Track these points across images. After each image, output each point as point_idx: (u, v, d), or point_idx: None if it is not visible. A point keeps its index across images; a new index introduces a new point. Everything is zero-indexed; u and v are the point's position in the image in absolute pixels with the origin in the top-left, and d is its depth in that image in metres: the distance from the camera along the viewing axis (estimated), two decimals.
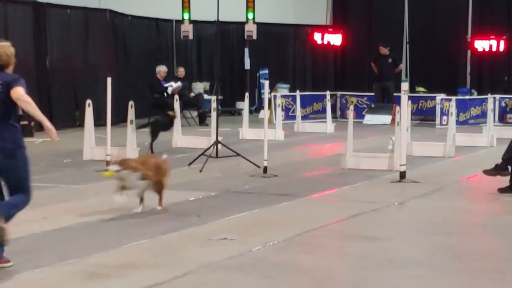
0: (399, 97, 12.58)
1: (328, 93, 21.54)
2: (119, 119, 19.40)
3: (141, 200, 8.87)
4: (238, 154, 13.22)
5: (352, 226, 8.26)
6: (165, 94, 20.82)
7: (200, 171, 12.32)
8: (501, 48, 25.55)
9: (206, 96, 22.61)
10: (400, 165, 11.54)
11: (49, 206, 9.16)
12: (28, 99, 6.42)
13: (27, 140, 6.68)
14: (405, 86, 11.85)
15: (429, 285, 5.86)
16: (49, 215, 8.58)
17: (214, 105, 14.66)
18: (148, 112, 19.45)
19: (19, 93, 6.34)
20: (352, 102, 23.88)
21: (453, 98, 19.78)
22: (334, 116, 22.31)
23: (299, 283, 5.92)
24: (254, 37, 19.25)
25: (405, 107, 11.84)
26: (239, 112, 24.00)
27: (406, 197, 10.11)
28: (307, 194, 10.33)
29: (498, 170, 10.53)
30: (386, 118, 21.97)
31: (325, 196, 10.36)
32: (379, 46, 23.48)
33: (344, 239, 7.57)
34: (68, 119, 20.24)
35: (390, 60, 23.53)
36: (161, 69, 21.31)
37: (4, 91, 6.40)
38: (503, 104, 23.01)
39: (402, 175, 11.41)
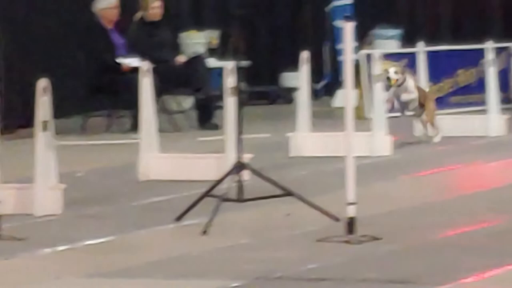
0: None
1: (490, 45, 15.55)
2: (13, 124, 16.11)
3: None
4: (290, 193, 9.22)
5: None
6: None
7: (204, 232, 8.68)
8: None
9: (212, 62, 16.80)
10: None
11: None
12: None
13: None
14: None
15: None
16: None
17: (231, 81, 10.37)
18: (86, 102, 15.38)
19: None
20: None
21: None
22: (505, 98, 17.14)
23: None
24: None
25: None
26: (287, 97, 18.59)
27: None
28: (448, 279, 7.09)
29: None
30: None
31: (488, 282, 7.06)
32: None
33: None
34: None
35: None
36: (104, 4, 14.17)
37: None
38: None
39: None
